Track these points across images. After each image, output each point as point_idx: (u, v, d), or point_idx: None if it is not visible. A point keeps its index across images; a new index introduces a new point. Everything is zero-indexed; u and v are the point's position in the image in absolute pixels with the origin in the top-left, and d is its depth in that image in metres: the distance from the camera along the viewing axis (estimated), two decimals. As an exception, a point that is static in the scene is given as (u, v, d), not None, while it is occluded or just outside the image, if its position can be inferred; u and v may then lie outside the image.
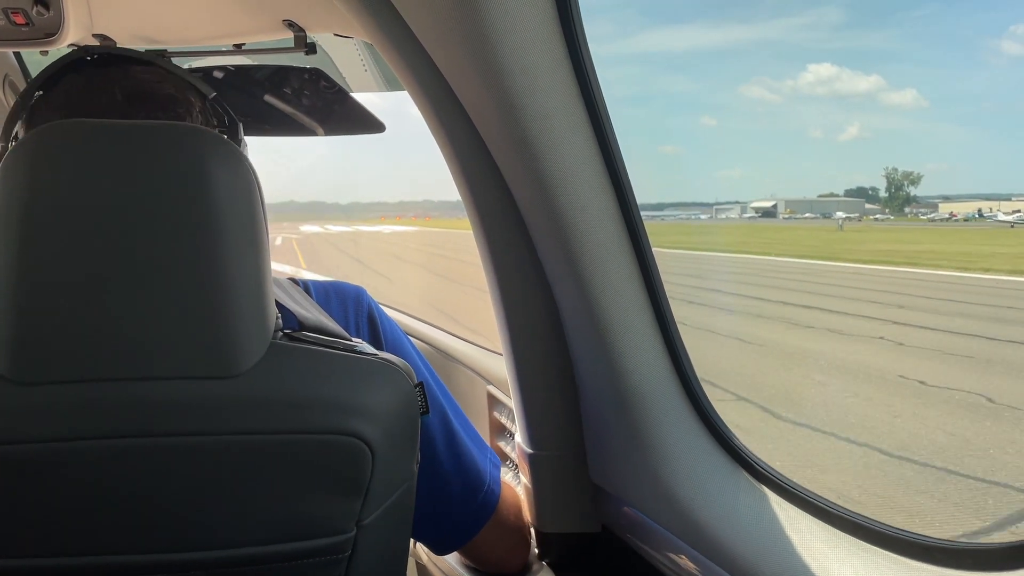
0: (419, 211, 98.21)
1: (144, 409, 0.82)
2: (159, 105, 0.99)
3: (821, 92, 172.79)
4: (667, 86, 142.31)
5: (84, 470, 0.81)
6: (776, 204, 66.75)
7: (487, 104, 1.03)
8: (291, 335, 0.91)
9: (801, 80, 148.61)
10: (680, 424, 1.09)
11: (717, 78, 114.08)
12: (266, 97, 1.49)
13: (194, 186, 0.82)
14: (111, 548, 0.84)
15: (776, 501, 1.00)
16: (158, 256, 0.80)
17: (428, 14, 1.01)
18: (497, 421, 1.56)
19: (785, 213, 64.20)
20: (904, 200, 64.92)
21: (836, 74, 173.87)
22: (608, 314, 1.08)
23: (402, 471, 0.96)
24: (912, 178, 68.24)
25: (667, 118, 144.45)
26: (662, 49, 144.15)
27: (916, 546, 0.82)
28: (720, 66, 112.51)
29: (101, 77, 0.98)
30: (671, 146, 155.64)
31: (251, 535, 0.87)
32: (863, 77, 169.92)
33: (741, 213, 64.58)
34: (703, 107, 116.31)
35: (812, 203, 68.66)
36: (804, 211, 64.85)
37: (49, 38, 1.44)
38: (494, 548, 1.26)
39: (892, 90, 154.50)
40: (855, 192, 74.12)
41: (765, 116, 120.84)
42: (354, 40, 1.54)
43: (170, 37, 1.54)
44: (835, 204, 65.31)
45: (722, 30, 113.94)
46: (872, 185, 73.91)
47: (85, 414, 0.81)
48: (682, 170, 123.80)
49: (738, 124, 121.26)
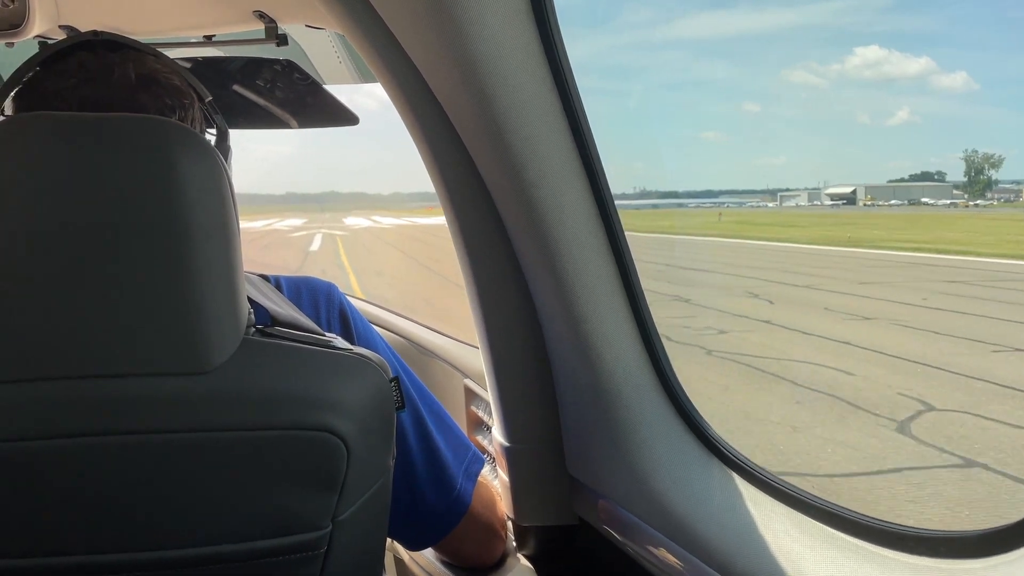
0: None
1: (115, 406, 0.81)
2: (168, 92, 0.99)
3: (868, 76, 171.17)
4: (707, 72, 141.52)
5: (54, 469, 0.80)
6: (855, 190, 61.35)
7: (461, 96, 1.02)
8: (264, 331, 0.90)
9: (848, 64, 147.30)
10: (655, 415, 1.10)
11: (760, 64, 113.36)
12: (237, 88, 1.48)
13: (162, 179, 0.80)
14: (83, 548, 0.83)
15: (751, 491, 1.00)
16: (127, 251, 0.79)
17: (400, 4, 1.00)
18: (474, 415, 1.56)
19: (866, 200, 58.84)
20: (985, 184, 59.34)
21: (885, 56, 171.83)
22: (583, 306, 1.08)
23: (377, 466, 0.95)
24: (993, 161, 61.43)
25: (709, 104, 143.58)
26: (703, 35, 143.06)
27: (889, 534, 0.83)
28: (764, 50, 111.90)
29: (115, 56, 0.98)
30: (712, 132, 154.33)
31: (226, 532, 0.87)
32: (913, 59, 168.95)
33: (810, 200, 60.37)
34: (745, 93, 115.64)
35: (895, 188, 63.07)
36: (887, 197, 59.49)
37: (14, 29, 1.42)
38: (468, 543, 1.26)
39: (942, 73, 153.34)
40: (919, 177, 69.02)
41: (810, 102, 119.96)
42: (327, 32, 1.52)
43: (138, 28, 1.52)
44: (920, 190, 60.19)
45: (767, 14, 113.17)
46: (938, 170, 69.87)
47: (54, 412, 0.79)
48: (725, 157, 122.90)
49: (782, 110, 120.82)
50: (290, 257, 23.01)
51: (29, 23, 1.40)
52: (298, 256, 23.61)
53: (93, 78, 0.96)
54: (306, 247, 27.00)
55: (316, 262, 21.57)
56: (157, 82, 0.99)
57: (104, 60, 0.97)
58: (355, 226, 42.93)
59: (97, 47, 0.98)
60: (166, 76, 1.00)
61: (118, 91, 0.96)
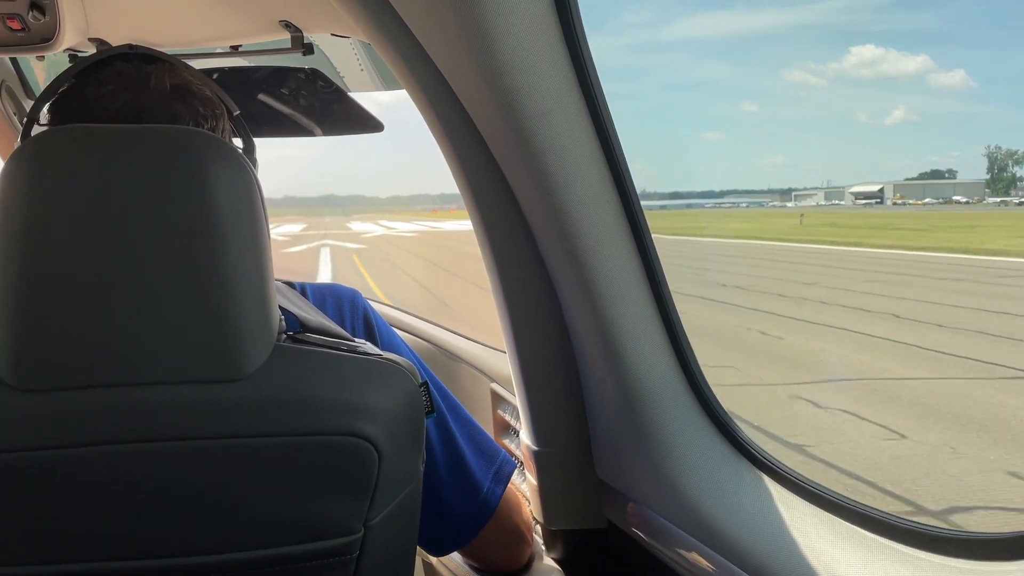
0: (460, 204, 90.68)
1: (149, 414, 0.82)
2: (201, 102, 1.01)
3: (866, 75, 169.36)
4: (709, 72, 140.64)
5: (90, 476, 0.81)
6: (883, 188, 58.82)
7: (487, 102, 1.03)
8: (295, 337, 0.91)
9: (845, 63, 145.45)
10: (685, 419, 1.09)
11: (758, 63, 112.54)
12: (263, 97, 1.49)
13: (195, 189, 0.81)
14: (116, 554, 0.84)
15: (782, 494, 1.00)
16: (161, 260, 0.80)
17: (426, 14, 1.01)
18: (501, 419, 1.56)
19: (895, 199, 56.17)
20: (1009, 181, 58.60)
21: (882, 55, 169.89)
22: (611, 310, 1.08)
23: (408, 471, 0.96)
24: (1017, 157, 61.02)
25: (710, 104, 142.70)
26: (701, 35, 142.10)
27: (922, 536, 0.82)
28: (761, 51, 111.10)
29: (151, 67, 1.00)
30: (713, 132, 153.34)
31: (260, 538, 0.87)
32: (910, 58, 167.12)
33: (828, 199, 58.39)
34: (744, 93, 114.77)
35: (925, 186, 60.35)
36: (917, 195, 56.71)
37: (45, 43, 1.44)
38: (495, 548, 1.26)
39: (940, 71, 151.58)
40: (929, 175, 67.16)
41: (808, 100, 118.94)
42: (350, 39, 1.54)
43: (166, 40, 1.54)
44: (951, 188, 57.98)
45: (765, 14, 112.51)
46: (949, 168, 67.37)
47: (90, 420, 0.81)
48: (726, 157, 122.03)
49: (780, 110, 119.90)
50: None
51: (60, 36, 1.42)
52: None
53: (131, 86, 0.97)
54: (312, 272, 18.75)
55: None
56: (191, 92, 1.00)
57: (141, 70, 0.99)
58: (367, 233, 35.69)
59: (132, 58, 1.00)
60: (199, 87, 1.02)
61: (154, 100, 0.98)
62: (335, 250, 23.27)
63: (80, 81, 0.98)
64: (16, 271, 0.80)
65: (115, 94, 0.97)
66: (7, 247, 0.80)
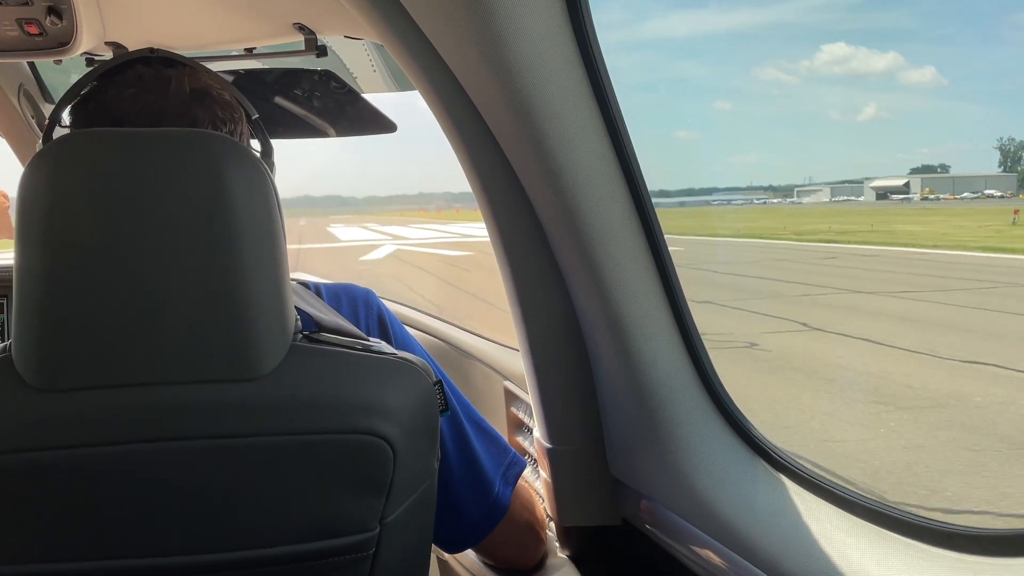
0: (441, 203, 78.55)
1: (168, 413, 0.83)
2: (220, 106, 1.02)
3: (838, 72, 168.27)
4: (679, 71, 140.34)
5: (110, 475, 0.82)
6: (907, 182, 53.99)
7: (499, 102, 1.03)
8: (310, 337, 0.92)
9: (816, 60, 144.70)
10: (698, 416, 1.10)
11: (730, 62, 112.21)
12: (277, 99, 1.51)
13: (215, 192, 0.82)
14: (138, 552, 0.85)
15: (796, 491, 1.00)
16: (180, 261, 0.81)
17: (439, 15, 1.01)
18: (515, 416, 1.57)
19: (924, 193, 51.23)
20: None
21: (852, 53, 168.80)
22: (624, 307, 1.09)
23: (423, 469, 0.97)
24: None
25: (682, 103, 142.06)
26: (673, 35, 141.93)
27: (938, 533, 0.82)
28: (733, 50, 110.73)
29: (171, 70, 1.01)
30: (685, 131, 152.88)
31: (277, 535, 0.88)
32: (880, 56, 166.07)
33: (833, 196, 56.81)
34: (717, 92, 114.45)
35: (955, 180, 55.09)
36: (946, 190, 51.85)
37: (62, 47, 1.46)
38: (508, 546, 1.26)
39: (910, 68, 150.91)
40: (920, 169, 63.05)
41: (780, 98, 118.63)
42: (363, 41, 1.54)
43: (181, 43, 1.55)
44: (982, 181, 53.25)
45: (734, 14, 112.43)
46: (941, 163, 65.58)
47: (110, 419, 0.82)
48: (699, 156, 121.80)
49: (753, 108, 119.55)
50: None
51: (77, 41, 1.43)
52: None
53: (151, 90, 0.98)
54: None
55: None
56: (210, 96, 1.01)
57: (161, 74, 1.00)
58: (354, 241, 26.95)
59: (152, 62, 1.01)
60: (218, 91, 1.03)
61: (174, 103, 0.98)
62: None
63: (100, 84, 0.99)
64: (38, 272, 0.81)
65: (136, 97, 0.97)
66: (28, 248, 0.81)
